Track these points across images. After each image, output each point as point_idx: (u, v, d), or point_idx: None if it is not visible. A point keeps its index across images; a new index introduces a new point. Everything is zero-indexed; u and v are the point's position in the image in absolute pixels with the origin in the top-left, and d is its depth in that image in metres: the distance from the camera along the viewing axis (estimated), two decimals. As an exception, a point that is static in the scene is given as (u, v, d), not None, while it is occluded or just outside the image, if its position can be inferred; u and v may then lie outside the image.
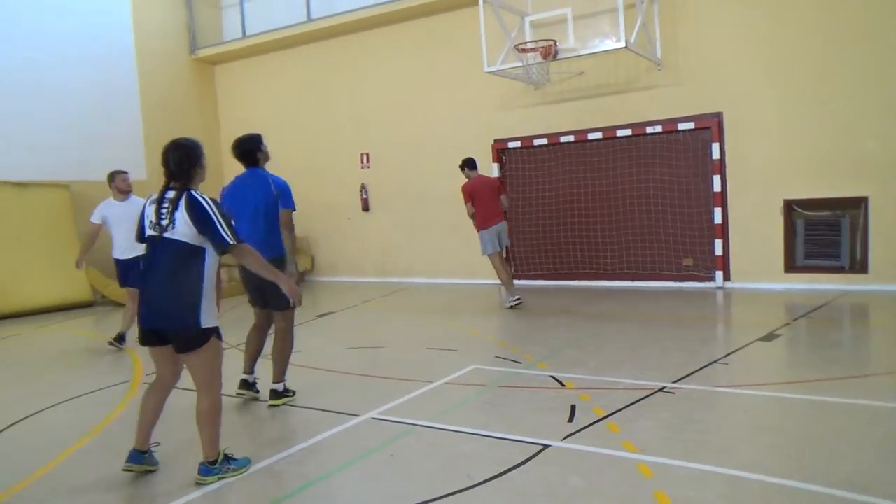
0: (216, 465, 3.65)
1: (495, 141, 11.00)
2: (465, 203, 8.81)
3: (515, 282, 10.88)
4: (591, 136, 10.18)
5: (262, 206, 5.00)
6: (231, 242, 3.52)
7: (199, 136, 14.87)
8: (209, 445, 3.65)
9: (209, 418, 3.63)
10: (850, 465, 3.50)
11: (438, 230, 11.78)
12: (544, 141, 10.57)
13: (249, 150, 5.11)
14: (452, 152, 11.44)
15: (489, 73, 9.87)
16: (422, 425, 4.39)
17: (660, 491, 3.25)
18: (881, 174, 8.38)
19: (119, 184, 7.68)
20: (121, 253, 7.48)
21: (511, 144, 10.87)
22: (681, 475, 3.45)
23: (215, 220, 3.50)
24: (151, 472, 3.82)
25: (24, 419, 5.02)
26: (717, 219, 9.41)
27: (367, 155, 12.54)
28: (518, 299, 8.75)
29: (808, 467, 3.49)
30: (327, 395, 5.21)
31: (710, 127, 9.36)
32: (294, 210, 5.30)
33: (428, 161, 11.74)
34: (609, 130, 10.04)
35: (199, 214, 3.48)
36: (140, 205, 3.87)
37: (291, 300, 4.30)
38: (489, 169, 11.06)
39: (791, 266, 9.10)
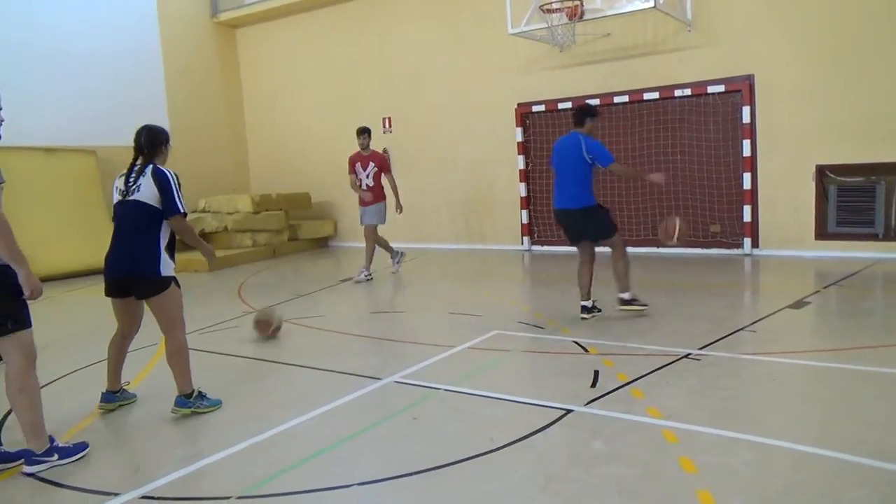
0: (190, 398, 4.14)
1: (519, 105, 10.82)
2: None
3: (541, 248, 10.82)
4: (617, 99, 9.96)
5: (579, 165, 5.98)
6: (181, 210, 4.04)
7: (221, 100, 14.92)
8: (182, 381, 4.13)
9: (177, 357, 4.12)
10: (879, 433, 3.43)
11: (462, 195, 11.70)
12: (569, 105, 10.35)
13: (581, 112, 6.07)
14: (475, 117, 11.34)
15: (513, 35, 9.67)
16: (444, 389, 4.39)
17: (684, 456, 3.22)
18: (920, 138, 8.10)
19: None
20: None
21: (535, 108, 10.69)
22: (706, 441, 3.41)
23: (174, 188, 4.04)
24: (129, 404, 4.38)
25: (58, 378, 5.13)
26: (747, 184, 9.20)
27: (390, 119, 12.43)
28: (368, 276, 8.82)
29: (836, 435, 3.43)
30: (350, 359, 5.23)
31: (741, 90, 9.09)
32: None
33: (450, 126, 11.61)
34: (636, 94, 9.81)
35: (161, 181, 4.02)
36: None
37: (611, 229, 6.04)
38: (512, 134, 10.93)
39: (822, 233, 8.89)
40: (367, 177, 8.84)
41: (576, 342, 5.33)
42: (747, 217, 9.26)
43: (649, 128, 9.86)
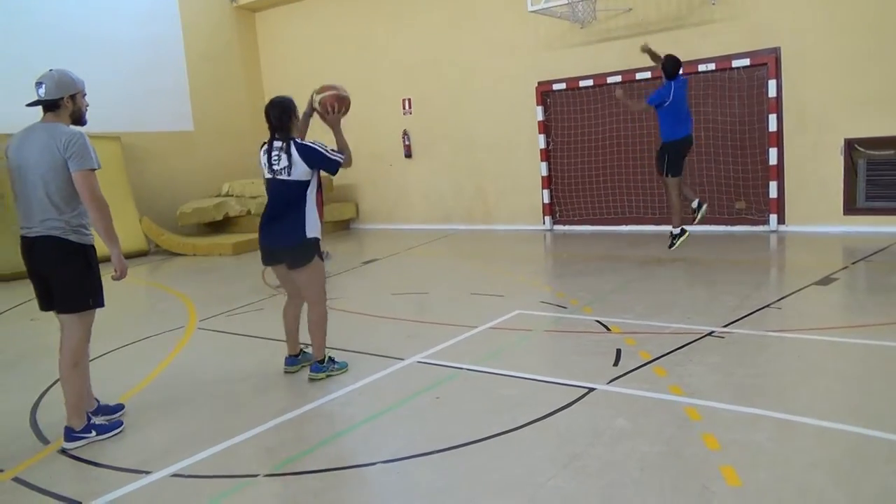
0: (324, 363, 4.42)
1: (539, 83, 10.72)
2: None
3: (562, 227, 10.82)
4: (639, 76, 9.81)
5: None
6: (340, 161, 4.32)
7: (242, 84, 14.95)
8: (318, 349, 4.43)
9: (318, 326, 4.41)
10: (908, 409, 3.39)
11: (482, 176, 11.67)
12: (590, 82, 10.25)
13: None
14: (495, 96, 11.27)
15: (533, 12, 9.56)
16: (467, 369, 4.42)
17: (708, 433, 3.22)
18: (953, 109, 7.88)
19: None
20: None
21: (555, 87, 10.58)
22: (730, 418, 3.40)
23: (323, 152, 4.25)
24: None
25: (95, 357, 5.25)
26: (773, 160, 9.04)
27: (410, 101, 12.40)
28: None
29: (862, 412, 3.40)
30: (373, 340, 5.29)
31: (767, 63, 8.90)
32: None
33: (470, 106, 11.55)
34: (658, 70, 9.63)
35: (310, 156, 4.22)
36: None
37: None
38: (532, 113, 10.84)
39: (851, 208, 8.72)
40: None
41: (598, 321, 5.32)
42: (773, 193, 9.11)
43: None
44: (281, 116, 4.28)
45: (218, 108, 13.51)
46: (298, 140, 4.29)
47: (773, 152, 9.03)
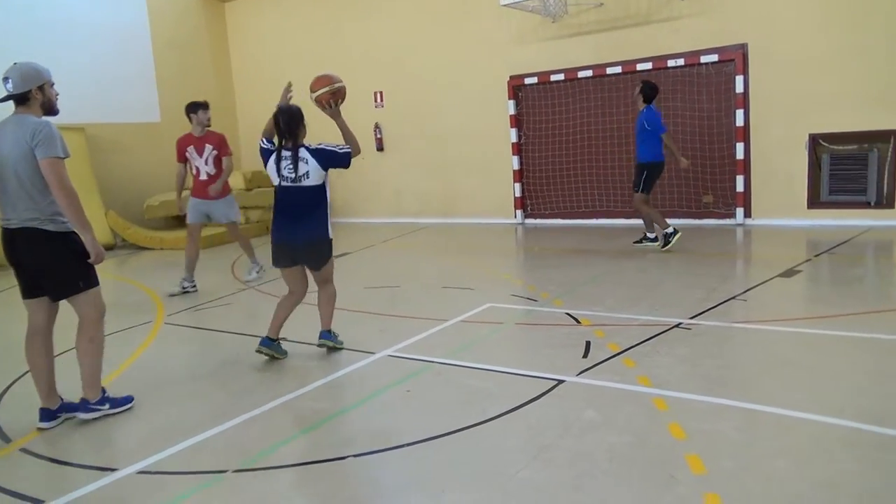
0: (331, 333, 4.80)
1: (511, 77, 10.74)
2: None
3: (534, 221, 10.84)
4: (609, 70, 9.90)
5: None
6: (350, 152, 4.56)
7: (210, 74, 14.67)
8: (328, 320, 4.82)
9: (332, 301, 4.86)
10: (866, 397, 3.49)
11: (454, 169, 11.67)
12: (561, 77, 10.30)
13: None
14: (468, 90, 11.26)
15: (505, 6, 9.57)
16: (438, 362, 4.43)
17: (675, 423, 3.27)
18: (912, 105, 8.10)
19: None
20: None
21: (527, 80, 10.61)
22: (696, 408, 3.46)
23: (333, 150, 4.51)
24: (279, 359, 4.70)
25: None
26: (740, 154, 9.19)
27: (381, 93, 12.33)
28: (188, 287, 7.16)
29: (824, 400, 3.48)
30: (344, 334, 5.25)
31: (735, 59, 9.04)
32: None
33: (443, 99, 11.52)
34: (629, 64, 9.74)
35: (324, 159, 4.47)
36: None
37: None
38: (504, 107, 10.85)
39: (815, 202, 8.92)
40: (206, 163, 7.34)
41: (568, 314, 5.37)
42: (740, 187, 9.27)
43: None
44: (290, 122, 4.45)
45: (186, 99, 13.09)
46: (309, 145, 4.49)
47: (739, 147, 9.18)
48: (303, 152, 4.45)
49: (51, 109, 3.78)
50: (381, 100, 12.34)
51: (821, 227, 8.63)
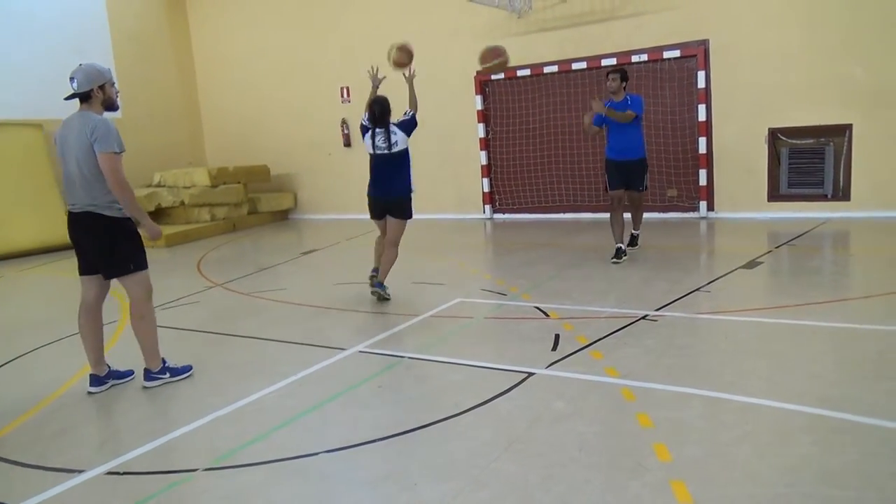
0: (383, 285, 5.94)
1: (478, 73, 10.77)
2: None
3: (502, 216, 10.90)
4: (575, 66, 10.00)
5: None
6: (414, 113, 6.06)
7: (172, 67, 14.39)
8: (385, 275, 6.03)
9: (392, 262, 6.09)
10: (825, 384, 3.61)
11: (422, 165, 11.59)
12: (527, 72, 10.37)
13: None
14: (435, 86, 11.21)
15: (471, 1, 9.59)
16: (409, 357, 4.44)
17: (642, 413, 3.34)
18: (866, 101, 8.35)
19: None
20: None
21: (494, 76, 10.65)
22: (662, 398, 3.54)
23: (406, 119, 5.99)
24: (387, 299, 5.95)
25: (23, 355, 5.03)
26: (702, 148, 9.38)
27: (348, 89, 12.26)
28: None
29: (784, 387, 3.59)
30: (314, 331, 5.24)
31: (696, 55, 9.21)
32: None
33: (410, 94, 11.48)
34: (594, 60, 9.85)
35: (406, 127, 5.97)
36: None
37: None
38: (471, 102, 10.88)
39: (775, 195, 9.15)
40: None
41: (537, 307, 5.43)
42: (703, 181, 9.46)
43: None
44: (383, 110, 5.86)
45: (147, 93, 13.01)
46: (394, 122, 5.90)
47: (702, 141, 9.36)
48: (392, 127, 5.86)
49: (111, 106, 4.19)
50: (348, 95, 12.28)
51: (781, 220, 8.86)
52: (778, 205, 9.11)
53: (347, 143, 12.38)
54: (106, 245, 4.05)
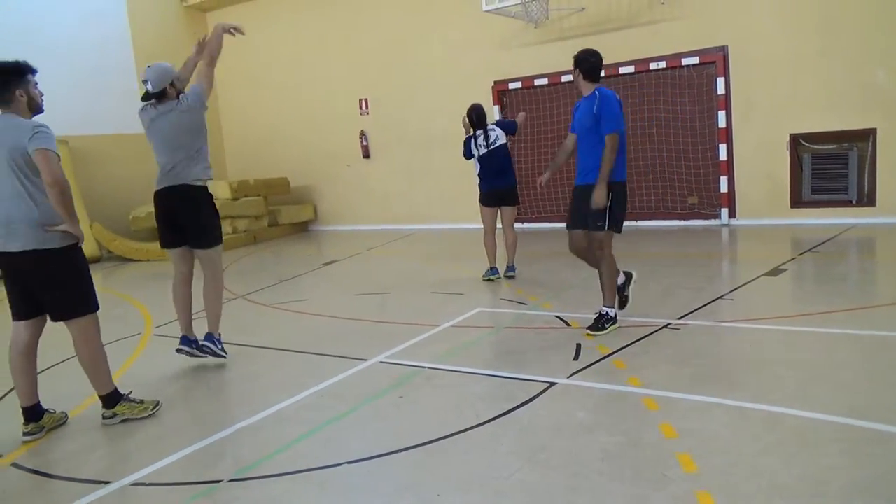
0: (514, 266, 7.17)
1: (495, 82, 10.81)
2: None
3: (521, 225, 10.90)
4: (593, 74, 9.96)
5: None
6: (516, 122, 7.12)
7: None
8: (513, 257, 7.14)
9: (515, 242, 7.17)
10: (852, 392, 3.55)
11: (440, 175, 11.70)
12: (545, 81, 10.38)
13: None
14: (452, 96, 11.29)
15: (487, 11, 9.64)
16: (430, 367, 4.44)
17: (665, 423, 3.31)
18: (890, 105, 8.23)
19: None
20: None
21: (511, 86, 10.68)
22: (686, 407, 3.50)
23: (504, 121, 7.25)
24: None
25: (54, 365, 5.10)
26: (723, 155, 9.31)
27: (366, 101, 12.36)
28: None
29: (810, 396, 3.53)
30: (335, 341, 5.26)
31: (715, 61, 9.16)
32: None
33: (427, 105, 11.57)
34: (611, 68, 9.80)
35: (501, 125, 7.01)
36: None
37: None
38: (489, 112, 10.90)
39: (797, 201, 9.04)
40: None
41: (558, 317, 5.41)
42: (724, 188, 9.38)
43: (625, 102, 9.84)
44: (479, 116, 6.86)
45: (170, 110, 13.19)
46: (490, 125, 6.91)
47: (722, 148, 9.29)
48: (490, 126, 6.86)
49: (178, 95, 4.77)
50: (367, 107, 12.37)
51: (804, 226, 8.74)
52: (801, 211, 9.00)
53: (366, 155, 12.47)
54: (203, 218, 4.69)
